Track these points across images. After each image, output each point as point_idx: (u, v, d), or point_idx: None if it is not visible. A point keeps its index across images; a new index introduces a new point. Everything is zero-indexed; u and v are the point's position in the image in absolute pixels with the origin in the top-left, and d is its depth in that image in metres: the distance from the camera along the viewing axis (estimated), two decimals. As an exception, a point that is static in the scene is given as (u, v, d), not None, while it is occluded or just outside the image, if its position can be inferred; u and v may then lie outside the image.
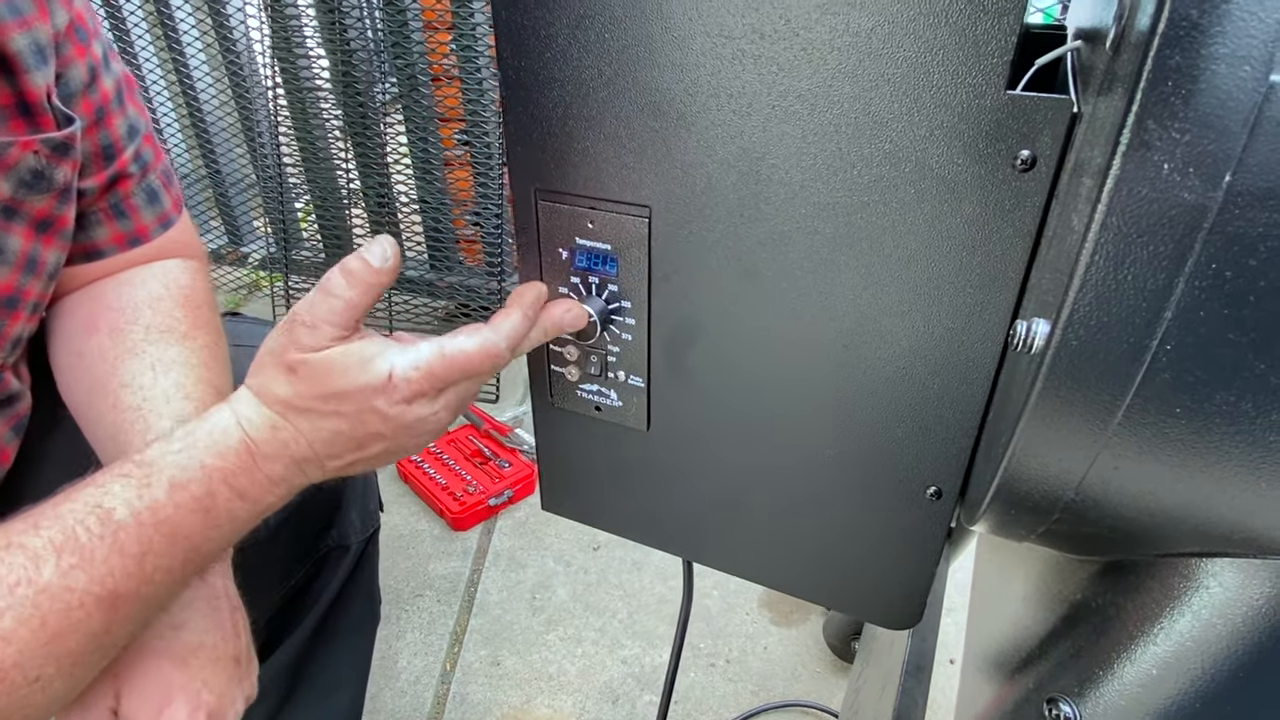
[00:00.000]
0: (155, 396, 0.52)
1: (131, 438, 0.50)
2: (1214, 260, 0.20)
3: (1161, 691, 0.30)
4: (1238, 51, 0.18)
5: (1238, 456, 0.24)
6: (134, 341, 0.54)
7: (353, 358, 0.41)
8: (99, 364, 0.54)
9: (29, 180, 0.48)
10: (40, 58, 0.48)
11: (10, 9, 0.45)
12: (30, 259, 0.50)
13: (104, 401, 0.53)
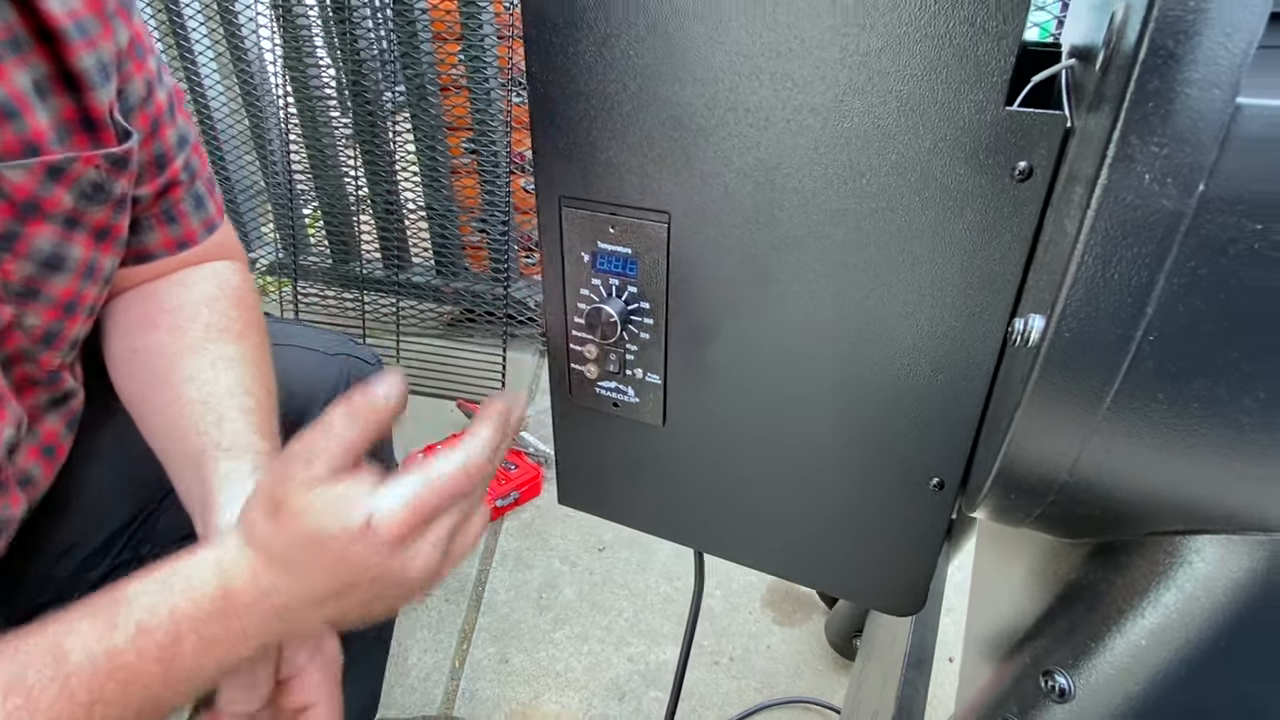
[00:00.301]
0: (219, 391, 0.54)
1: (201, 427, 0.53)
2: (1190, 260, 0.23)
3: (1150, 660, 0.33)
4: (1208, 77, 0.21)
5: (1214, 438, 0.26)
6: (194, 339, 0.57)
7: (331, 501, 0.39)
8: (158, 359, 0.56)
9: (90, 192, 0.51)
10: (104, 75, 0.50)
11: (79, 29, 0.48)
12: (89, 266, 0.53)
13: (164, 395, 0.55)
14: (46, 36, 0.47)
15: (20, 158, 0.46)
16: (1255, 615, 0.30)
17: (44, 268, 0.51)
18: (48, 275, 0.51)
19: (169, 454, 0.55)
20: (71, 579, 0.63)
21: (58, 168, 0.48)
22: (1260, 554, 0.29)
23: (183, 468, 0.54)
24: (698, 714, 1.04)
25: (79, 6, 0.48)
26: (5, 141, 0.46)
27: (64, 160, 0.48)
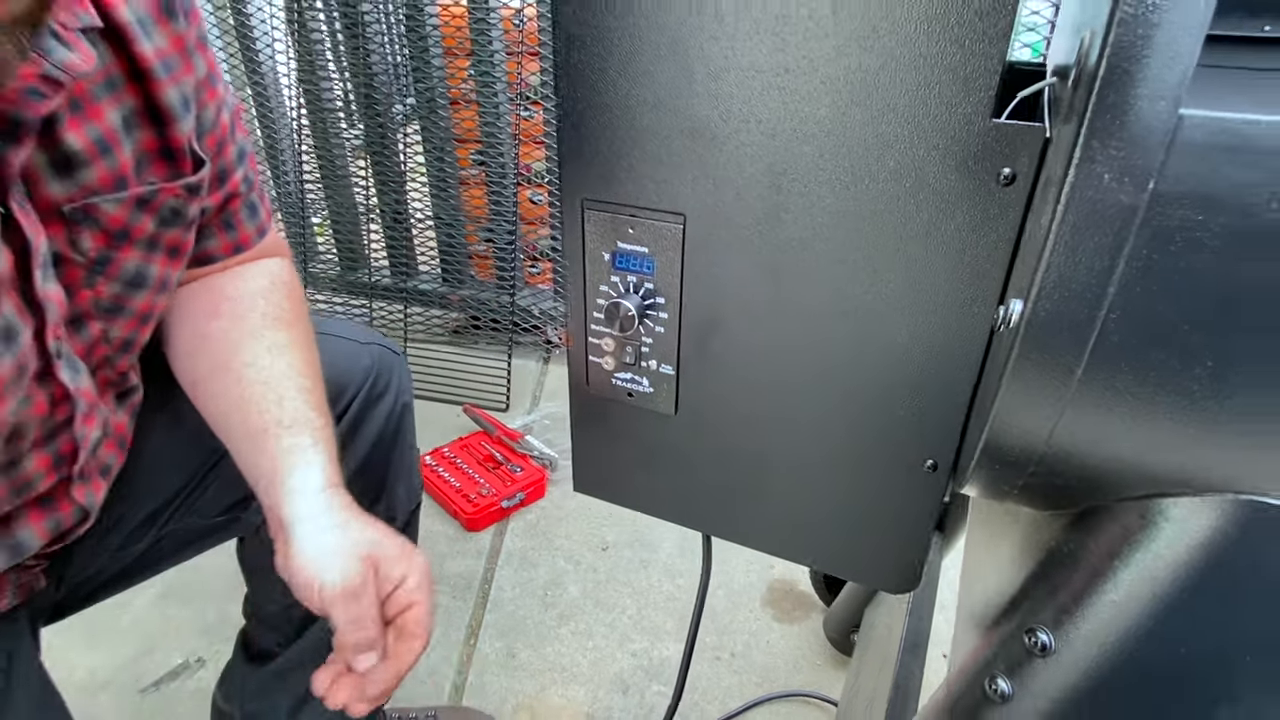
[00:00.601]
0: (277, 373, 0.59)
1: (263, 406, 0.58)
2: (1144, 247, 0.27)
3: (1124, 614, 0.37)
4: (1156, 92, 0.25)
5: (1171, 405, 0.30)
6: (253, 326, 0.62)
7: None
8: (222, 345, 0.61)
9: (169, 217, 0.56)
10: (186, 107, 0.55)
11: (165, 67, 0.52)
12: (164, 281, 0.58)
13: (227, 377, 0.60)
14: (136, 74, 0.51)
15: (112, 191, 0.51)
16: (1217, 568, 0.34)
17: (129, 286, 0.56)
18: (131, 292, 0.56)
19: (232, 432, 0.60)
20: (119, 550, 0.67)
21: (145, 199, 0.53)
22: (1220, 512, 0.33)
23: (246, 444, 0.58)
24: (700, 707, 1.07)
25: (165, 45, 0.53)
26: (100, 176, 0.50)
27: (150, 192, 0.53)
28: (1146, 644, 0.36)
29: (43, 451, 0.54)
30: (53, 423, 0.53)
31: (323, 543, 0.54)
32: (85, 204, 0.50)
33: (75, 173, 0.49)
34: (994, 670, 0.42)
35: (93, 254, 0.52)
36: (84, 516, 0.58)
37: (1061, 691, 0.39)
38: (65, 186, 0.49)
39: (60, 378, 0.52)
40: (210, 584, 1.26)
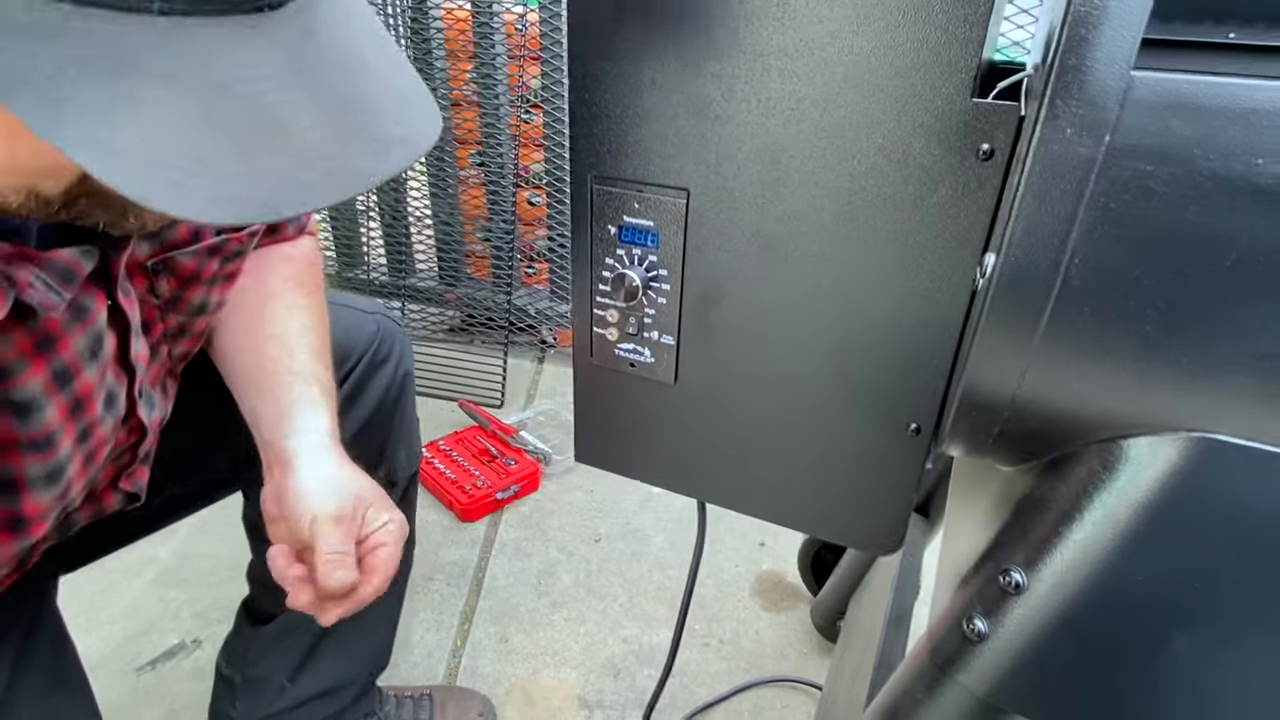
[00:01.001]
0: (290, 330, 0.64)
1: (276, 356, 0.63)
2: (1102, 195, 0.30)
3: (1091, 549, 0.40)
4: (1110, 55, 0.28)
5: (1127, 345, 0.34)
6: (274, 287, 0.67)
7: None
8: (240, 299, 0.66)
9: (231, 257, 0.62)
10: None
11: None
12: (220, 303, 0.64)
13: (248, 332, 0.65)
14: None
15: (189, 244, 0.57)
16: (1172, 501, 0.37)
17: (194, 313, 0.61)
18: (195, 319, 0.62)
19: (246, 378, 0.64)
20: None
21: (215, 248, 0.59)
22: (1174, 449, 0.36)
23: (252, 388, 0.63)
24: (689, 690, 1.09)
25: None
26: (181, 234, 0.57)
27: (219, 241, 0.59)
28: (1110, 576, 0.39)
29: (111, 465, 0.60)
30: (125, 446, 0.59)
31: (322, 475, 0.59)
32: (164, 257, 0.56)
33: (160, 234, 0.55)
34: (971, 612, 0.45)
35: (167, 295, 0.58)
36: (127, 502, 0.63)
37: (1034, 625, 0.42)
38: (150, 246, 0.55)
39: (140, 415, 0.58)
40: (205, 568, 1.27)
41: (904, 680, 0.50)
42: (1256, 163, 0.28)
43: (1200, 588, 0.38)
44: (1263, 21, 0.39)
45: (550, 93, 1.66)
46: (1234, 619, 0.37)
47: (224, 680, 0.87)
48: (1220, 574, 0.37)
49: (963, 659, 0.45)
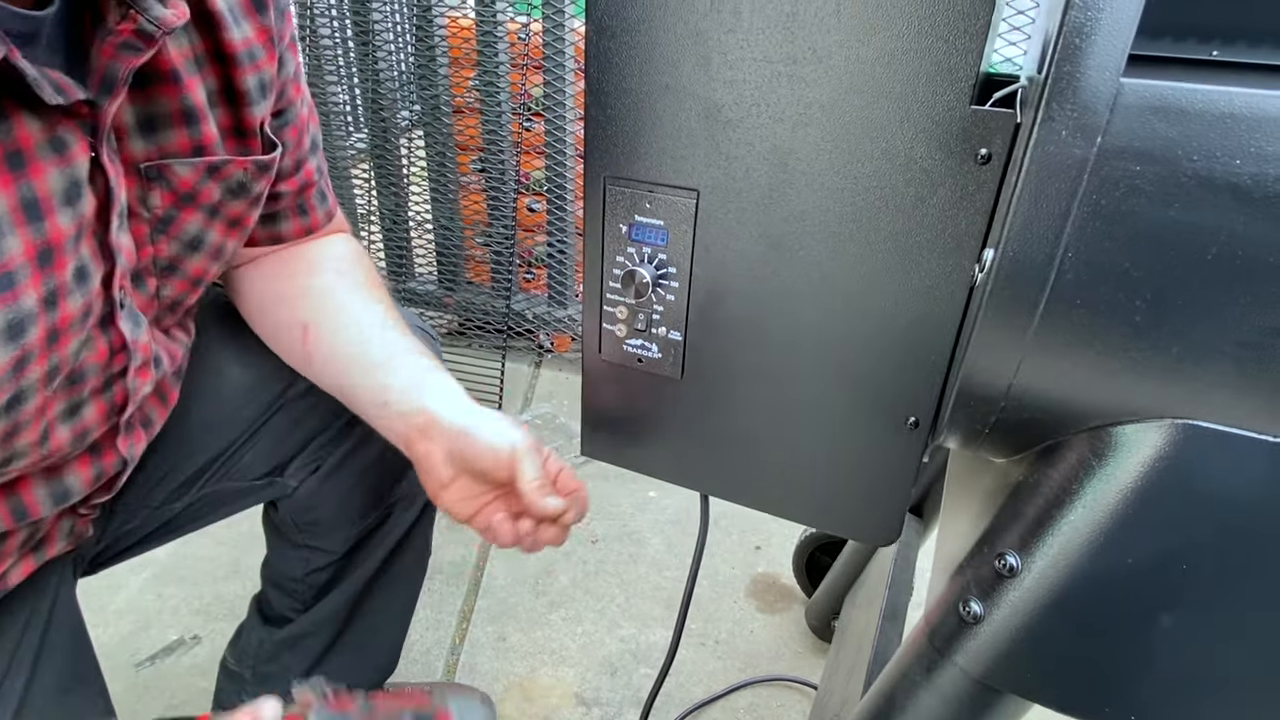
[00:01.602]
0: (390, 320, 0.67)
1: (386, 338, 0.66)
2: (1094, 193, 0.33)
3: (1082, 532, 0.42)
4: (1102, 63, 0.31)
5: (1117, 335, 0.36)
6: (358, 280, 0.70)
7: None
8: (332, 295, 0.68)
9: (234, 189, 0.60)
10: (262, 93, 0.60)
11: (249, 55, 0.58)
12: (219, 249, 0.63)
13: (344, 319, 0.66)
14: (220, 58, 0.56)
15: (189, 156, 0.56)
16: (1158, 485, 0.39)
17: (187, 248, 0.60)
18: (188, 254, 0.60)
19: (353, 364, 0.66)
20: (159, 508, 0.70)
21: (215, 167, 0.58)
22: (1160, 435, 0.39)
23: (369, 374, 0.65)
24: (685, 689, 1.10)
25: (252, 35, 0.58)
26: (180, 142, 0.55)
27: (221, 161, 0.58)
28: (1100, 557, 0.41)
29: (100, 399, 0.57)
30: (110, 372, 0.56)
31: (493, 419, 0.62)
32: (160, 163, 0.54)
33: (158, 134, 0.53)
34: (967, 595, 0.47)
35: (159, 212, 0.56)
36: (124, 466, 0.62)
37: (1028, 607, 0.44)
38: (145, 145, 0.53)
39: (121, 327, 0.55)
40: (204, 566, 1.28)
41: (902, 663, 0.52)
42: (1235, 163, 0.31)
43: (1185, 568, 0.40)
44: (1244, 40, 0.42)
45: (552, 101, 1.69)
46: (1217, 598, 0.39)
47: (231, 675, 0.88)
48: (1203, 555, 0.39)
49: (959, 641, 0.47)
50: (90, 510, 0.62)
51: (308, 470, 0.76)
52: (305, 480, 0.76)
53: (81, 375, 0.54)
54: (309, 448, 0.75)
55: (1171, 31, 0.41)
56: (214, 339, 0.71)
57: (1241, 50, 0.41)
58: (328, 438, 0.76)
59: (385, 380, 0.64)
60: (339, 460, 0.76)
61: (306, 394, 0.74)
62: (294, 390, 0.74)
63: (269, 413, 0.73)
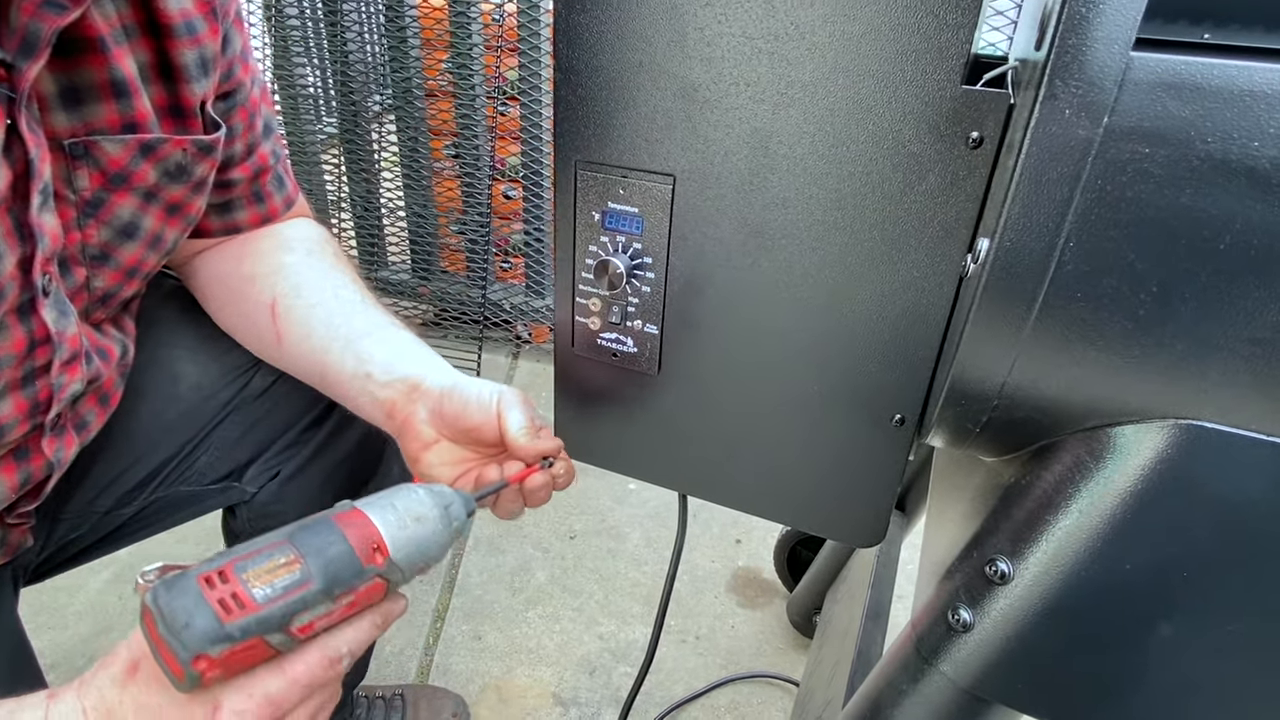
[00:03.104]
0: (365, 297, 0.64)
1: (365, 313, 0.63)
2: (1098, 178, 0.30)
3: (1076, 537, 0.40)
4: (1110, 35, 0.28)
5: (1120, 330, 0.34)
6: (330, 261, 0.67)
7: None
8: (303, 272, 0.65)
9: (173, 172, 0.56)
10: (203, 70, 0.56)
11: (188, 27, 0.53)
12: (156, 236, 0.58)
13: (318, 295, 0.63)
14: (154, 29, 0.52)
15: (118, 133, 0.51)
16: (1158, 488, 0.37)
17: (119, 234, 0.55)
18: (121, 242, 0.56)
19: (333, 336, 0.62)
20: (108, 514, 0.66)
21: (149, 145, 0.53)
22: (1161, 437, 0.36)
23: (349, 346, 0.61)
24: (665, 687, 1.08)
25: (190, 6, 0.54)
26: (108, 117, 0.50)
27: (155, 140, 0.54)
28: (1096, 564, 0.39)
29: (19, 396, 0.52)
30: (31, 365, 0.52)
31: (474, 379, 0.59)
32: (86, 140, 0.50)
33: (82, 107, 0.49)
34: (956, 602, 0.45)
35: (87, 194, 0.52)
36: (50, 471, 0.58)
37: (1019, 615, 0.42)
38: (70, 119, 0.49)
39: (43, 316, 0.50)
40: (168, 566, 1.24)
41: (888, 671, 0.50)
42: (1253, 145, 0.28)
43: (1187, 575, 0.38)
44: (1236, 23, 0.39)
45: (527, 85, 1.64)
46: (1220, 606, 0.37)
47: None
48: (1206, 561, 0.37)
49: (947, 650, 0.45)
50: (22, 519, 0.58)
51: (267, 475, 0.72)
52: (265, 485, 0.72)
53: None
54: (268, 452, 0.72)
55: (1162, 13, 0.39)
56: (164, 334, 0.67)
57: (1234, 33, 0.39)
58: (288, 441, 0.72)
59: (368, 351, 0.61)
60: (300, 465, 0.73)
61: (264, 394, 0.70)
62: (250, 390, 0.70)
63: (224, 413, 0.69)
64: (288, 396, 0.72)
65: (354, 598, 0.40)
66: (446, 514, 0.45)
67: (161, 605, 0.35)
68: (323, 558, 0.39)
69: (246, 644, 0.36)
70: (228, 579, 0.37)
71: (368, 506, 0.42)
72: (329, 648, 0.39)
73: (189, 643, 0.35)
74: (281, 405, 0.72)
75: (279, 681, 0.38)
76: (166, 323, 0.68)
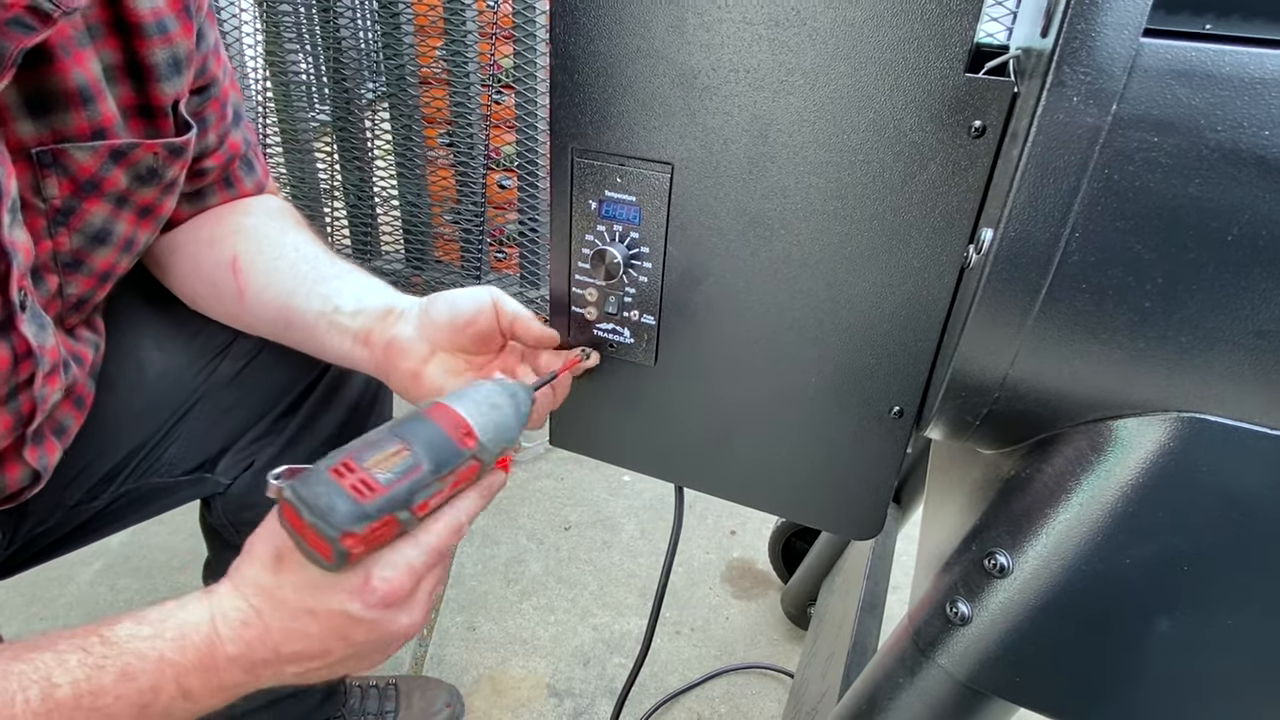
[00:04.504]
0: (325, 251, 0.62)
1: (328, 259, 0.61)
2: (1106, 167, 0.30)
3: (1077, 530, 0.39)
4: (1120, 20, 0.28)
5: (1124, 322, 0.33)
6: (289, 224, 0.65)
7: None
8: (263, 233, 0.63)
9: (144, 175, 0.55)
10: (174, 69, 0.54)
11: (159, 26, 0.52)
12: (129, 240, 0.57)
13: (277, 250, 0.61)
14: (122, 28, 0.51)
15: (88, 140, 0.50)
16: (1160, 482, 0.37)
17: (91, 241, 0.54)
18: (94, 248, 0.55)
19: (298, 283, 0.60)
20: (75, 507, 0.65)
21: (120, 151, 0.52)
22: (1164, 430, 0.36)
23: (315, 288, 0.59)
24: (659, 678, 1.08)
25: (163, 4, 0.52)
26: (77, 125, 0.49)
27: (126, 145, 0.52)
28: (1097, 557, 0.39)
29: (4, 411, 0.52)
30: (14, 381, 0.51)
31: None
32: (55, 148, 0.49)
33: (49, 115, 0.48)
34: (955, 595, 0.45)
35: (57, 202, 0.51)
36: (35, 478, 0.57)
37: (1018, 608, 0.42)
38: (37, 128, 0.48)
39: (23, 331, 0.50)
40: (159, 556, 1.23)
41: (884, 664, 0.50)
42: (1263, 135, 0.28)
43: (1187, 569, 0.38)
44: (1239, 14, 0.39)
45: (523, 73, 1.63)
46: (1220, 600, 0.37)
47: None
48: (1207, 555, 0.37)
49: (945, 642, 0.45)
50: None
51: (240, 466, 0.71)
52: (239, 477, 0.71)
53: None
54: (240, 441, 0.71)
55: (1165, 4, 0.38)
56: (128, 322, 0.65)
57: (1236, 24, 0.38)
58: (261, 430, 0.71)
59: (335, 291, 0.59)
60: (275, 454, 0.71)
61: (233, 381, 0.69)
62: (219, 376, 0.69)
63: (191, 400, 0.68)
64: (259, 383, 0.70)
65: (456, 478, 0.45)
66: (515, 401, 0.50)
67: (304, 495, 0.40)
68: (426, 445, 0.43)
69: (382, 521, 0.41)
70: (353, 469, 0.41)
71: (450, 400, 0.47)
72: (453, 518, 0.45)
73: (336, 523, 0.39)
74: (252, 393, 0.70)
75: (415, 550, 0.43)
76: (131, 309, 0.67)
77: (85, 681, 0.39)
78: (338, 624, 0.42)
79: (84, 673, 0.39)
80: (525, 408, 0.50)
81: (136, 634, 0.40)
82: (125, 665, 0.39)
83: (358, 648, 0.43)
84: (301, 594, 0.41)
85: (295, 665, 0.43)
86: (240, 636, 0.41)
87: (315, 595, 0.41)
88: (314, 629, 0.42)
